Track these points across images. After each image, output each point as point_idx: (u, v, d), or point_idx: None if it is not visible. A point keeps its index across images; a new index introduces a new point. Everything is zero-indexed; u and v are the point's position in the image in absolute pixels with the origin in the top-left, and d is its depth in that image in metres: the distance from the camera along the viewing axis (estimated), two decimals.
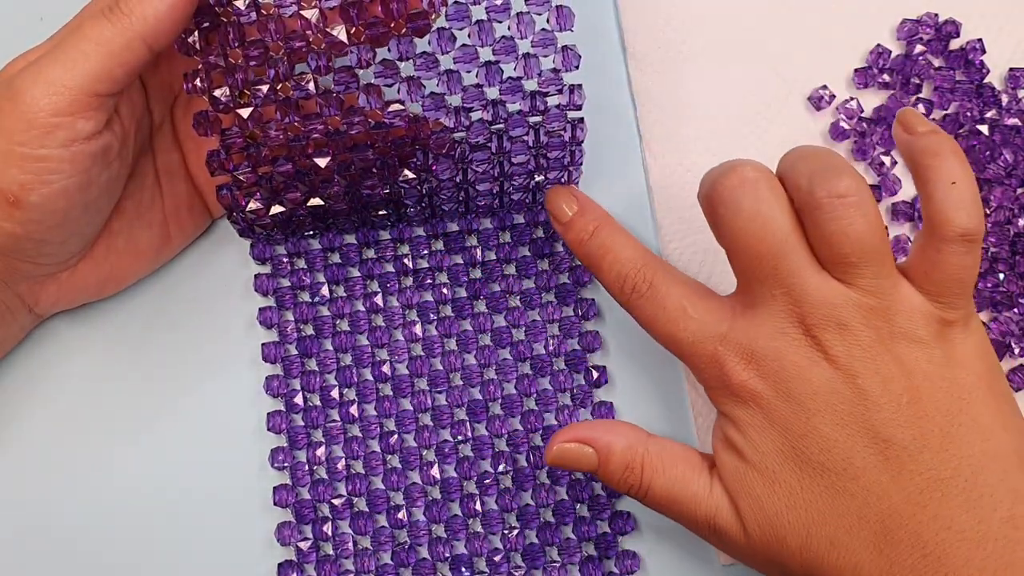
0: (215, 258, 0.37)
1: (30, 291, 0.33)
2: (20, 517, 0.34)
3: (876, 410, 0.28)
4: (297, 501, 0.34)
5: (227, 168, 0.32)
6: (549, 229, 0.37)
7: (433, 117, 0.30)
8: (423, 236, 0.36)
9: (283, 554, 0.34)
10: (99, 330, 0.36)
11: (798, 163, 0.29)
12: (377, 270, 0.36)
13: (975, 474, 0.27)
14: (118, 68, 0.29)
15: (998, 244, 0.37)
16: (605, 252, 0.32)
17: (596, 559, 0.33)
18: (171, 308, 0.36)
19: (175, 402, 0.35)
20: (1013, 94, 0.38)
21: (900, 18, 0.39)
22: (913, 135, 0.30)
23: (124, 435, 0.35)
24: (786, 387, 0.28)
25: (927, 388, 0.28)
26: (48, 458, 0.35)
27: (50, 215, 0.30)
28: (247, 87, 0.31)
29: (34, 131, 0.28)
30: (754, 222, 0.28)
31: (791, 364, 0.28)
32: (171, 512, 0.34)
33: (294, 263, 0.36)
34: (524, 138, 0.32)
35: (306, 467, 0.34)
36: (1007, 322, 0.36)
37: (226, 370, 0.36)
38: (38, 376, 0.35)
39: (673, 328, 0.30)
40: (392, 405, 0.35)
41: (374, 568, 0.33)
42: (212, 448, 0.35)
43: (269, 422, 0.34)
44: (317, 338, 0.35)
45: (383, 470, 0.34)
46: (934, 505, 0.27)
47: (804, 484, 0.28)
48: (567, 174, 0.34)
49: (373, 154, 0.32)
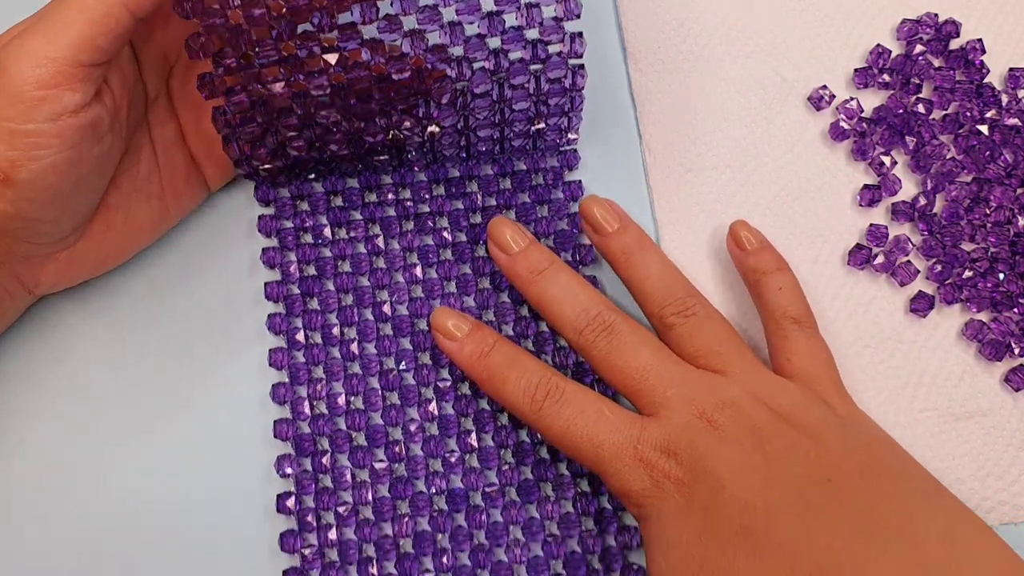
0: (218, 201, 0.37)
1: (28, 272, 0.32)
2: (19, 508, 0.33)
3: (788, 466, 0.28)
4: (297, 434, 0.34)
5: (233, 124, 0.32)
6: (549, 176, 0.37)
7: (437, 68, 0.31)
8: (424, 181, 0.37)
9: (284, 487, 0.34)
10: (98, 304, 0.36)
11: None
12: (379, 213, 0.37)
13: (902, 502, 0.28)
14: (101, 36, 0.28)
15: (998, 244, 0.37)
16: (510, 363, 0.32)
17: (589, 495, 0.34)
18: (172, 271, 0.36)
19: (178, 365, 0.36)
20: (1013, 94, 0.39)
21: (900, 18, 0.40)
22: (744, 252, 0.35)
23: (124, 418, 0.35)
24: (702, 466, 0.29)
25: (832, 442, 0.29)
26: (48, 444, 0.34)
27: (41, 192, 0.29)
28: (250, 47, 0.31)
29: (20, 105, 0.28)
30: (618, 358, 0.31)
31: (703, 446, 0.29)
32: (175, 486, 0.34)
33: (297, 205, 0.37)
34: (525, 85, 0.32)
35: (306, 402, 0.34)
36: (1007, 322, 0.36)
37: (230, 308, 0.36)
38: (35, 356, 0.35)
39: (595, 430, 0.30)
40: (392, 344, 0.35)
41: (371, 500, 0.34)
42: (217, 407, 0.35)
43: (271, 358, 0.35)
44: (319, 278, 0.36)
45: (382, 406, 0.35)
46: (866, 536, 0.27)
47: (729, 555, 0.27)
48: (567, 120, 0.35)
49: (376, 105, 0.32)
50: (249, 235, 0.37)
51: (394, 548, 0.33)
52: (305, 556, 0.33)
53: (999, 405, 0.36)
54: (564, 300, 0.32)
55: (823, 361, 0.33)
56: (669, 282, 0.33)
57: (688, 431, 0.29)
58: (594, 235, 0.35)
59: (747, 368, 0.32)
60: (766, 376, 0.32)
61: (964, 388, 0.36)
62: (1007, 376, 0.36)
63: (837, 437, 0.30)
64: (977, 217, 0.37)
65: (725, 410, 0.30)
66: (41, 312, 0.36)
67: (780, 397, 0.31)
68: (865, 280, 0.37)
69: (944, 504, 0.29)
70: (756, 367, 0.32)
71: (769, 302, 0.34)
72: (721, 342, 0.32)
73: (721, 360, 0.32)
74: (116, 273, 0.36)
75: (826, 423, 0.30)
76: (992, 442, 0.35)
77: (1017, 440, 0.35)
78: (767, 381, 0.31)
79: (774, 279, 0.34)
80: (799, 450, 0.29)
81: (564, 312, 0.32)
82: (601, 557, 0.33)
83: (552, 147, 0.37)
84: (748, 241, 0.35)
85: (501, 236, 0.34)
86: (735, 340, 0.32)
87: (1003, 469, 0.35)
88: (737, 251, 0.35)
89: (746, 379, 0.31)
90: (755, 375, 0.31)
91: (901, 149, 0.39)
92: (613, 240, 0.34)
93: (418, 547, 0.33)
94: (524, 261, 0.33)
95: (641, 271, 0.34)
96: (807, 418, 0.30)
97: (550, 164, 0.38)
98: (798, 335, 0.33)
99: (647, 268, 0.34)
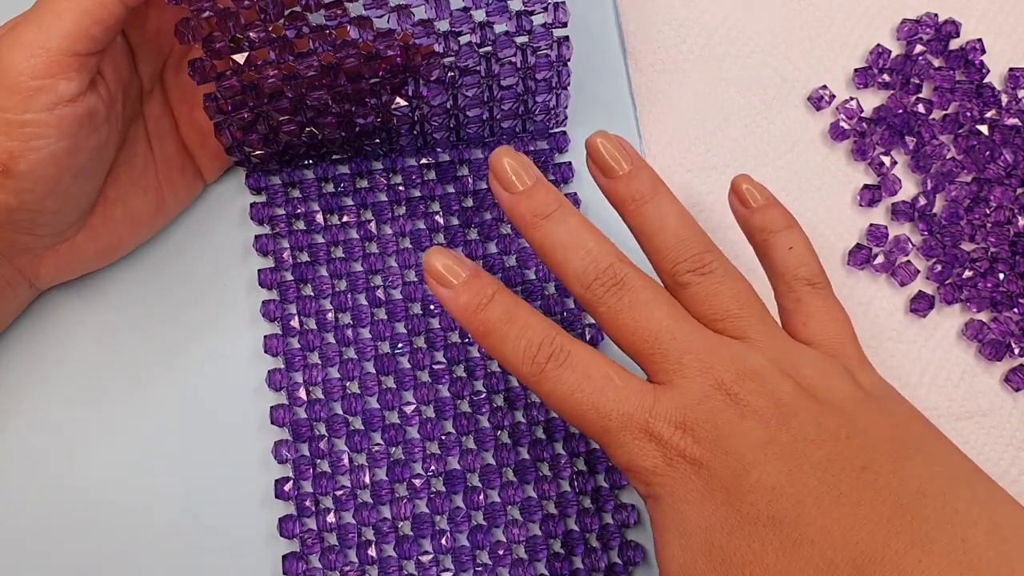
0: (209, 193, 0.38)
1: (30, 264, 0.33)
2: (16, 493, 0.34)
3: (816, 448, 0.26)
4: (294, 420, 0.34)
5: (225, 111, 0.33)
6: (539, 159, 0.38)
7: (424, 44, 0.31)
8: (415, 166, 0.37)
9: (282, 472, 0.34)
10: (91, 292, 0.36)
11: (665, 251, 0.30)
12: (371, 199, 0.37)
13: (941, 492, 0.25)
14: (94, 26, 0.28)
15: (998, 244, 0.37)
16: (509, 319, 0.28)
17: (586, 474, 0.34)
18: (165, 260, 0.37)
19: (172, 353, 0.36)
20: (1013, 94, 0.38)
21: (900, 18, 0.40)
22: (748, 209, 0.32)
23: (119, 405, 0.35)
24: (723, 446, 0.26)
25: (862, 420, 0.27)
26: (42, 431, 0.35)
27: (41, 183, 0.30)
28: (240, 31, 0.31)
29: (16, 96, 0.28)
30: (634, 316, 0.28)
31: (723, 423, 0.26)
32: (172, 472, 0.34)
33: (289, 192, 0.37)
34: (512, 59, 0.33)
35: (302, 387, 0.35)
36: (1007, 322, 0.36)
37: (224, 296, 0.36)
38: (36, 349, 0.35)
39: (602, 398, 0.27)
40: (386, 328, 0.35)
41: (369, 483, 0.34)
42: (213, 391, 0.35)
43: (266, 345, 0.35)
44: (312, 264, 0.36)
45: (378, 390, 0.35)
46: (907, 532, 0.24)
47: (755, 548, 0.25)
48: (555, 97, 0.35)
49: (366, 84, 0.32)
50: (242, 223, 0.37)
51: (393, 531, 0.33)
52: (304, 541, 0.33)
53: (999, 405, 0.35)
54: (571, 248, 0.28)
55: (842, 326, 0.30)
56: (685, 235, 0.29)
57: (706, 404, 0.26)
58: (601, 178, 0.31)
59: (769, 334, 0.29)
60: (788, 344, 0.29)
61: (964, 388, 0.36)
62: (1007, 376, 0.36)
63: (865, 413, 0.27)
64: (977, 217, 0.37)
65: (747, 382, 0.27)
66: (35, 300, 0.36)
67: (804, 368, 0.28)
68: (865, 280, 0.37)
69: (985, 490, 0.26)
70: (778, 333, 0.29)
71: (778, 263, 0.31)
72: (741, 304, 0.29)
73: (741, 324, 0.28)
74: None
75: (853, 398, 0.27)
76: (992, 442, 0.35)
77: (1017, 440, 0.35)
78: (790, 349, 0.29)
79: (783, 237, 0.31)
80: (827, 430, 0.26)
81: (570, 262, 0.28)
82: (599, 535, 0.33)
83: (541, 130, 0.37)
84: (752, 196, 0.32)
85: (503, 171, 0.29)
86: (756, 302, 0.29)
87: (1003, 469, 0.35)
88: (741, 208, 0.32)
89: (768, 347, 0.28)
90: (777, 342, 0.29)
91: (901, 149, 0.39)
92: (623, 184, 0.30)
93: (417, 529, 0.33)
94: (529, 202, 0.29)
95: (654, 221, 0.30)
96: (833, 392, 0.27)
97: (540, 147, 0.38)
98: (812, 297, 0.30)
99: (661, 218, 0.30)
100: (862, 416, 0.27)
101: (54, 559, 0.33)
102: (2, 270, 0.32)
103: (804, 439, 0.26)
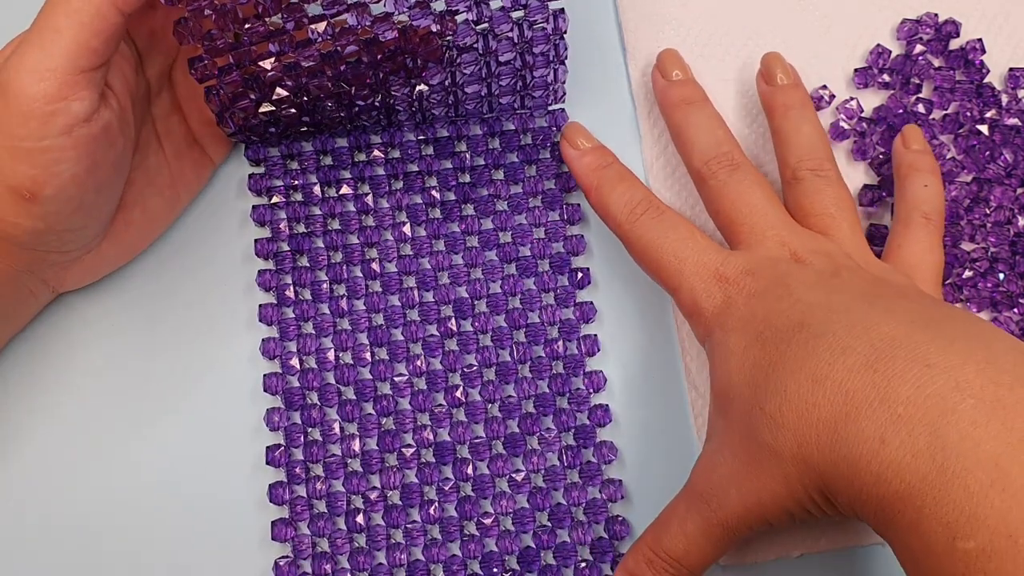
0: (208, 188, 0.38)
1: (55, 276, 0.33)
2: (18, 500, 0.34)
3: (856, 278, 0.29)
4: (287, 388, 0.35)
5: (226, 103, 0.33)
6: (537, 136, 0.38)
7: (421, 25, 0.31)
8: (413, 141, 0.37)
9: (274, 440, 0.34)
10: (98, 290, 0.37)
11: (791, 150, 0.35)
12: (368, 172, 0.37)
13: (969, 318, 0.27)
14: (94, 39, 0.28)
15: (998, 244, 0.37)
16: (621, 179, 0.34)
17: (575, 448, 0.34)
18: (164, 235, 0.37)
19: (166, 323, 0.36)
20: (1013, 94, 0.39)
21: (900, 18, 0.40)
22: (908, 149, 0.36)
23: (113, 370, 0.35)
24: (779, 281, 0.30)
25: (910, 286, 0.31)
26: (47, 438, 0.35)
27: (66, 204, 0.30)
28: (238, 26, 0.31)
29: (33, 122, 0.28)
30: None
31: (784, 269, 0.30)
32: (165, 442, 0.35)
33: (287, 164, 0.37)
34: (509, 35, 0.33)
35: (296, 357, 0.35)
36: (1007, 322, 0.36)
37: (219, 266, 0.37)
38: (43, 346, 0.36)
39: (681, 246, 0.32)
40: (380, 300, 0.36)
41: (360, 452, 0.34)
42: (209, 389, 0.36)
43: (261, 314, 0.35)
44: (309, 236, 0.36)
45: (371, 361, 0.35)
46: (932, 328, 0.26)
47: (782, 349, 0.27)
48: (553, 72, 0.35)
49: (366, 69, 0.33)
50: (239, 194, 0.38)
51: (382, 499, 0.34)
52: (294, 507, 0.33)
53: None
54: (704, 130, 0.34)
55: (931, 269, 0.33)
56: (816, 142, 0.34)
57: (773, 258, 0.31)
58: (763, 84, 0.37)
59: (853, 240, 0.32)
60: (868, 251, 0.32)
61: None
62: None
63: (912, 284, 0.31)
64: (977, 217, 0.37)
65: (817, 255, 0.31)
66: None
67: (876, 268, 0.31)
68: None
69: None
70: (861, 242, 0.33)
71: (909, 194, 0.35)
72: (840, 208, 0.33)
73: (831, 223, 0.32)
74: None
75: (916, 290, 0.30)
76: None
77: None
78: (867, 254, 0.32)
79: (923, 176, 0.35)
80: (880, 285, 0.29)
81: (700, 139, 0.34)
82: (586, 509, 0.34)
83: (540, 106, 0.38)
84: (915, 141, 0.36)
85: (664, 61, 0.37)
86: (853, 212, 0.33)
87: None
88: (900, 148, 0.36)
89: (848, 244, 0.32)
90: (859, 246, 0.32)
91: None
92: (780, 92, 0.36)
93: (405, 499, 0.34)
94: (681, 89, 0.36)
95: (794, 124, 0.35)
96: (887, 276, 0.31)
97: (539, 124, 0.38)
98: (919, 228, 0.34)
99: (801, 125, 0.35)
100: (910, 283, 0.31)
101: (52, 515, 0.34)
102: (29, 282, 0.33)
103: (846, 275, 0.30)
